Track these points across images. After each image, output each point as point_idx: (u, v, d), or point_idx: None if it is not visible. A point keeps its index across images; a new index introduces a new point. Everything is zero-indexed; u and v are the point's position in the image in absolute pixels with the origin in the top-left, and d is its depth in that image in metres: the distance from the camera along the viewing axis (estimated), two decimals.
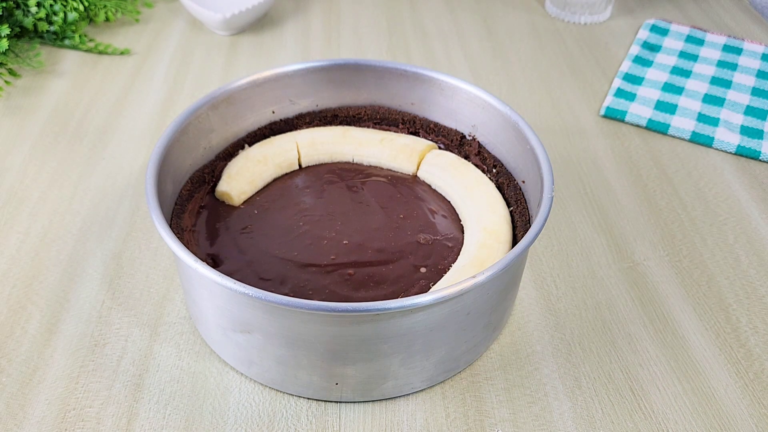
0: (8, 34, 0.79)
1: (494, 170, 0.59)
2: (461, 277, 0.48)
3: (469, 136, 0.61)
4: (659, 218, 0.65)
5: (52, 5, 0.85)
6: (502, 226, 0.53)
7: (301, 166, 0.62)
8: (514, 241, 0.54)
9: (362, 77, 0.63)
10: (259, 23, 0.94)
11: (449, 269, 0.52)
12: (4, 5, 0.83)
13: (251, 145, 0.62)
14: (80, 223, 0.63)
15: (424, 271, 0.52)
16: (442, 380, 0.50)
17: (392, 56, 0.88)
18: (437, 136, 0.63)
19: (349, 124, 0.65)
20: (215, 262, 0.52)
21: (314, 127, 0.64)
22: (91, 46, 0.87)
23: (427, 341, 0.46)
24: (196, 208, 0.57)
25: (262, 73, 0.60)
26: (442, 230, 0.55)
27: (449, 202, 0.58)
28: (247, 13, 0.88)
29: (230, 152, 0.61)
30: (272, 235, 0.55)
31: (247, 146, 0.62)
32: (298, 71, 0.62)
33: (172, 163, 0.54)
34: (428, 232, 0.55)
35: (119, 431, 0.47)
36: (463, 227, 0.56)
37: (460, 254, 0.53)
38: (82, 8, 0.86)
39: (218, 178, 0.59)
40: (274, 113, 0.63)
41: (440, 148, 0.63)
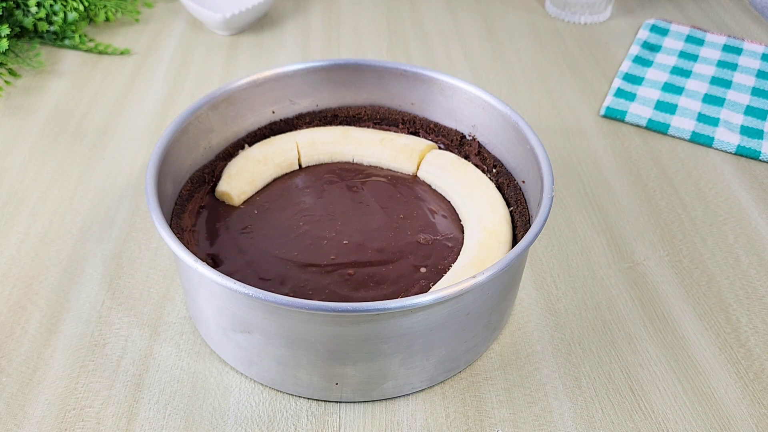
0: (8, 34, 0.79)
1: (494, 170, 0.59)
2: (461, 277, 0.48)
3: (469, 136, 0.61)
4: (659, 218, 0.65)
5: (52, 5, 0.85)
6: (502, 226, 0.53)
7: (301, 166, 0.62)
8: (514, 241, 0.54)
9: (362, 77, 0.63)
10: (259, 23, 0.94)
11: (449, 269, 0.52)
12: (4, 5, 0.83)
13: (251, 145, 0.62)
14: (80, 223, 0.63)
15: (424, 271, 0.52)
16: (442, 380, 0.50)
17: (392, 56, 0.88)
18: (437, 136, 0.63)
19: (349, 124, 0.65)
20: (215, 262, 0.52)
21: (314, 127, 0.64)
22: (91, 46, 0.87)
23: (427, 341, 0.46)
24: (196, 208, 0.57)
25: (262, 73, 0.60)
26: (442, 230, 0.55)
27: (449, 202, 0.58)
28: (247, 13, 0.88)
29: (230, 152, 0.61)
30: (272, 235, 0.55)
31: (247, 146, 0.62)
32: (298, 71, 0.62)
33: (172, 163, 0.54)
34: (428, 232, 0.55)
35: (119, 431, 0.47)
36: (463, 227, 0.56)
37: (460, 254, 0.53)
38: (82, 8, 0.86)
39: (218, 178, 0.59)
40: (274, 113, 0.63)
41: (440, 148, 0.63)
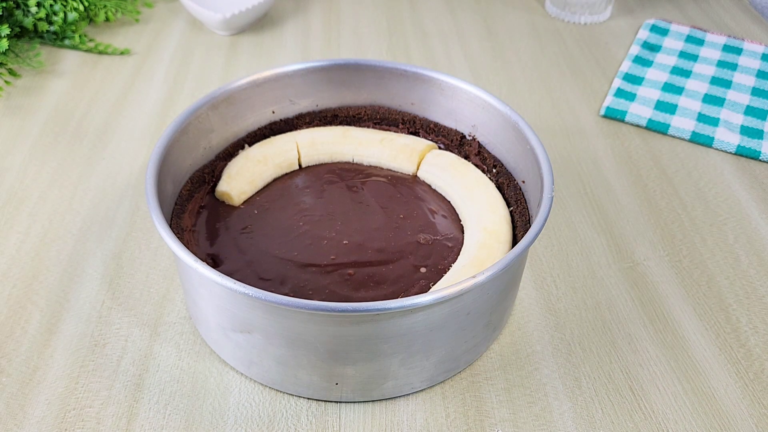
0: (8, 34, 0.79)
1: (494, 170, 0.59)
2: (461, 277, 0.48)
3: (469, 136, 0.61)
4: (659, 218, 0.65)
5: (52, 5, 0.85)
6: (502, 226, 0.53)
7: (301, 166, 0.62)
8: (514, 241, 0.54)
9: (362, 77, 0.63)
10: (259, 23, 0.94)
11: (449, 269, 0.52)
12: (4, 5, 0.83)
13: (251, 145, 0.62)
14: (80, 223, 0.63)
15: (424, 271, 0.52)
16: (442, 380, 0.50)
17: (392, 56, 0.88)
18: (437, 136, 0.63)
19: (349, 124, 0.65)
20: (215, 262, 0.52)
21: (314, 127, 0.64)
22: (91, 46, 0.87)
23: (427, 341, 0.46)
24: (196, 208, 0.57)
25: (262, 73, 0.60)
26: (442, 230, 0.55)
27: (449, 202, 0.58)
28: (247, 13, 0.88)
29: (230, 152, 0.61)
30: (272, 235, 0.55)
31: (247, 146, 0.62)
32: (298, 71, 0.62)
33: (172, 163, 0.54)
34: (428, 232, 0.55)
35: (119, 431, 0.47)
36: (463, 227, 0.56)
37: (460, 254, 0.53)
38: (82, 8, 0.86)
39: (218, 178, 0.59)
40: (274, 113, 0.63)
41: (440, 148, 0.63)
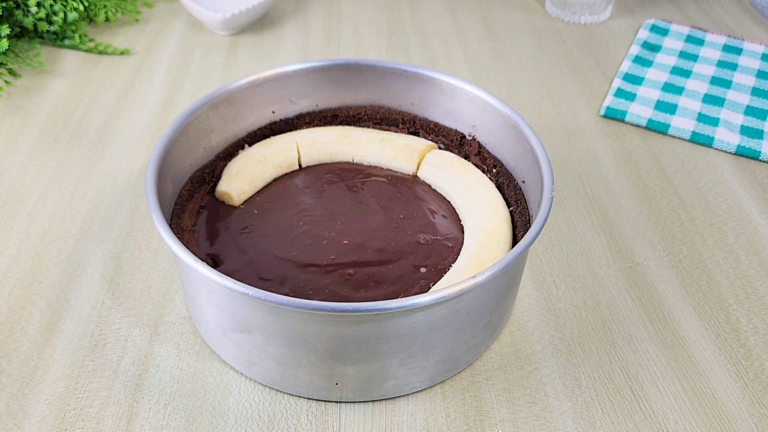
0: (8, 34, 0.79)
1: (494, 170, 0.59)
2: (461, 277, 0.48)
3: (469, 136, 0.61)
4: (659, 218, 0.65)
5: (52, 5, 0.85)
6: (502, 226, 0.53)
7: (301, 166, 0.62)
8: (514, 241, 0.54)
9: (362, 77, 0.63)
10: (259, 23, 0.94)
11: (449, 269, 0.52)
12: (4, 5, 0.83)
13: (251, 145, 0.62)
14: (80, 223, 0.63)
15: (424, 271, 0.52)
16: (442, 380, 0.50)
17: (392, 56, 0.88)
18: (437, 136, 0.63)
19: (349, 124, 0.65)
20: (215, 262, 0.52)
21: (314, 127, 0.64)
22: (91, 46, 0.87)
23: (427, 341, 0.46)
24: (196, 208, 0.57)
25: (262, 73, 0.60)
26: (442, 230, 0.55)
27: (449, 202, 0.58)
28: (247, 13, 0.88)
29: (230, 152, 0.61)
30: (272, 235, 0.55)
31: (247, 146, 0.62)
32: (298, 71, 0.62)
33: (172, 163, 0.54)
34: (428, 232, 0.55)
35: (119, 431, 0.47)
36: (463, 227, 0.56)
37: (460, 254, 0.53)
38: (82, 8, 0.86)
39: (218, 178, 0.59)
40: (274, 113, 0.63)
41: (440, 148, 0.63)
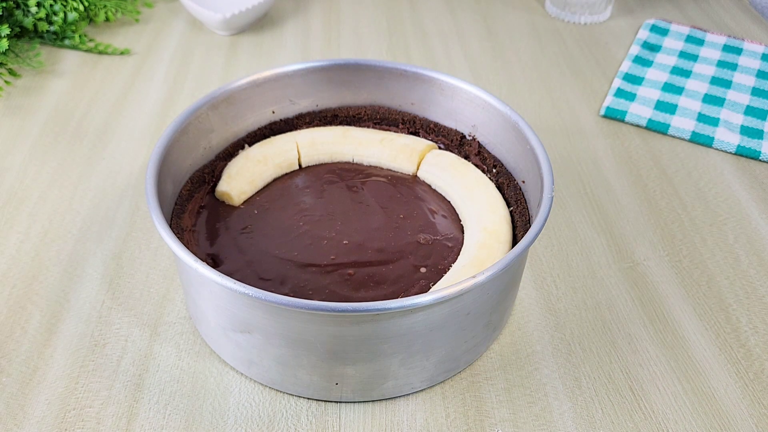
0: (8, 34, 0.79)
1: (494, 170, 0.59)
2: (461, 277, 0.48)
3: (469, 136, 0.61)
4: (659, 218, 0.65)
5: (52, 5, 0.85)
6: (502, 226, 0.53)
7: (301, 166, 0.62)
8: (514, 241, 0.54)
9: (362, 77, 0.63)
10: (259, 23, 0.94)
11: (449, 269, 0.52)
12: (4, 5, 0.83)
13: (251, 145, 0.62)
14: (80, 223, 0.63)
15: (424, 271, 0.52)
16: (442, 380, 0.50)
17: (392, 56, 0.88)
18: (437, 136, 0.63)
19: (349, 124, 0.65)
20: (215, 262, 0.52)
21: (314, 127, 0.64)
22: (91, 46, 0.87)
23: (427, 341, 0.46)
24: (196, 208, 0.57)
25: (262, 73, 0.60)
26: (442, 230, 0.55)
27: (449, 202, 0.58)
28: (247, 13, 0.88)
29: (230, 152, 0.61)
30: (272, 235, 0.55)
31: (247, 146, 0.62)
32: (298, 71, 0.62)
33: (172, 163, 0.54)
34: (428, 232, 0.55)
35: (119, 431, 0.47)
36: (463, 227, 0.56)
37: (460, 254, 0.53)
38: (82, 8, 0.86)
39: (218, 178, 0.59)
40: (274, 113, 0.63)
41: (440, 148, 0.63)
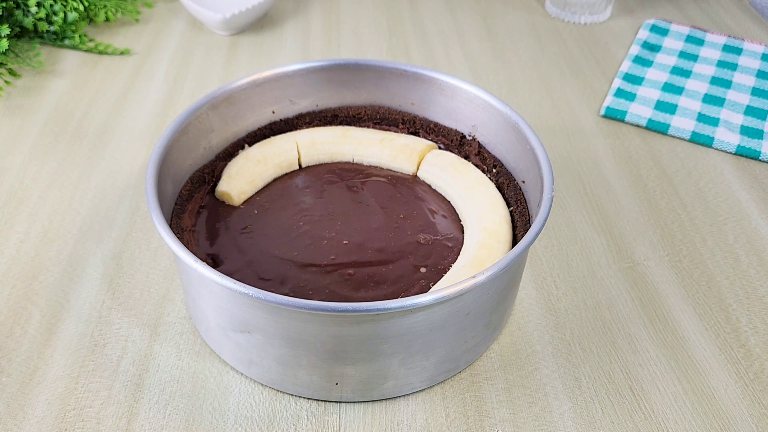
0: (8, 34, 0.79)
1: (494, 170, 0.59)
2: (461, 277, 0.48)
3: (469, 136, 0.61)
4: (659, 218, 0.65)
5: (52, 5, 0.85)
6: (502, 226, 0.53)
7: (301, 166, 0.62)
8: (514, 241, 0.54)
9: (362, 77, 0.63)
10: (259, 23, 0.94)
11: (449, 269, 0.52)
12: (4, 5, 0.83)
13: (251, 145, 0.62)
14: (80, 223, 0.63)
15: (424, 271, 0.52)
16: (442, 380, 0.50)
17: (392, 56, 0.88)
18: (437, 136, 0.63)
19: (349, 124, 0.65)
20: (215, 262, 0.52)
21: (314, 127, 0.64)
22: (91, 46, 0.87)
23: (427, 341, 0.46)
24: (196, 208, 0.57)
25: (262, 73, 0.60)
26: (442, 230, 0.55)
27: (449, 202, 0.58)
28: (247, 13, 0.88)
29: (230, 152, 0.61)
30: (272, 235, 0.55)
31: (247, 146, 0.62)
32: (298, 71, 0.62)
33: (172, 163, 0.54)
34: (428, 232, 0.55)
35: (119, 431, 0.47)
36: (463, 227, 0.56)
37: (460, 254, 0.53)
38: (82, 8, 0.86)
39: (218, 178, 0.59)
40: (274, 113, 0.63)
41: (440, 148, 0.63)
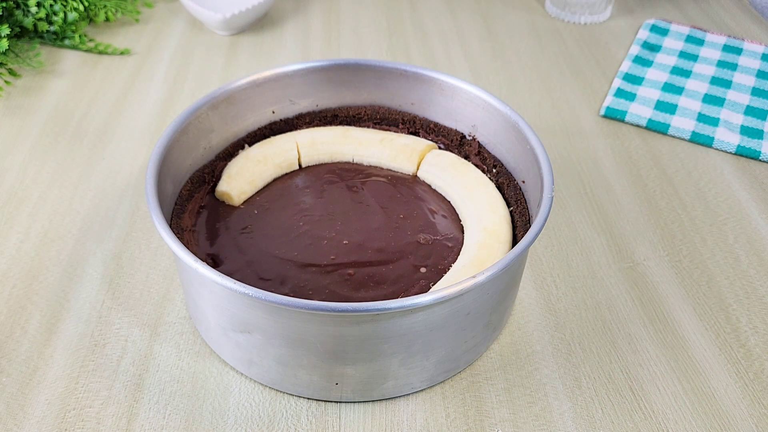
0: (8, 34, 0.79)
1: (494, 170, 0.59)
2: (461, 277, 0.48)
3: (469, 136, 0.61)
4: (659, 218, 0.65)
5: (52, 5, 0.85)
6: (502, 226, 0.53)
7: (301, 166, 0.62)
8: (514, 241, 0.54)
9: (362, 77, 0.63)
10: (259, 23, 0.94)
11: (449, 269, 0.52)
12: (4, 5, 0.83)
13: (251, 145, 0.62)
14: (80, 223, 0.63)
15: (424, 271, 0.52)
16: (442, 380, 0.50)
17: (392, 56, 0.88)
18: (437, 136, 0.63)
19: (349, 124, 0.65)
20: (215, 262, 0.52)
21: (314, 127, 0.64)
22: (91, 46, 0.87)
23: (427, 341, 0.46)
24: (196, 208, 0.57)
25: (262, 73, 0.60)
26: (442, 230, 0.55)
27: (449, 202, 0.58)
28: (247, 13, 0.88)
29: (230, 152, 0.61)
30: (272, 235, 0.55)
31: (247, 146, 0.62)
32: (298, 71, 0.62)
33: (172, 163, 0.54)
34: (428, 232, 0.55)
35: (119, 431, 0.47)
36: (463, 227, 0.56)
37: (460, 254, 0.53)
38: (82, 8, 0.86)
39: (218, 178, 0.59)
40: (274, 113, 0.63)
41: (440, 148, 0.63)
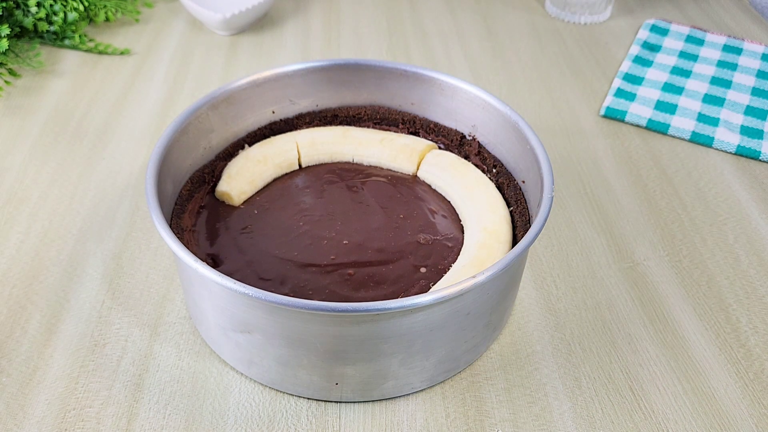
0: (8, 34, 0.79)
1: (494, 170, 0.59)
2: (461, 277, 0.48)
3: (469, 136, 0.61)
4: (659, 218, 0.65)
5: (52, 5, 0.85)
6: (502, 226, 0.53)
7: (301, 166, 0.62)
8: (514, 241, 0.54)
9: (362, 77, 0.63)
10: (259, 23, 0.94)
11: (449, 269, 0.52)
12: (4, 5, 0.83)
13: (251, 145, 0.62)
14: (80, 223, 0.63)
15: (424, 271, 0.52)
16: (442, 380, 0.50)
17: (392, 56, 0.88)
18: (437, 136, 0.63)
19: (349, 124, 0.65)
20: (215, 262, 0.52)
21: (314, 127, 0.64)
22: (91, 46, 0.87)
23: (427, 341, 0.46)
24: (196, 208, 0.57)
25: (262, 73, 0.60)
26: (442, 230, 0.55)
27: (449, 202, 0.58)
28: (247, 13, 0.88)
29: (230, 152, 0.61)
30: (272, 235, 0.55)
31: (247, 146, 0.62)
32: (298, 71, 0.62)
33: (172, 163, 0.54)
34: (428, 232, 0.55)
35: (119, 431, 0.47)
36: (463, 227, 0.56)
37: (460, 254, 0.53)
38: (82, 8, 0.86)
39: (218, 178, 0.59)
40: (274, 113, 0.63)
41: (440, 148, 0.63)
